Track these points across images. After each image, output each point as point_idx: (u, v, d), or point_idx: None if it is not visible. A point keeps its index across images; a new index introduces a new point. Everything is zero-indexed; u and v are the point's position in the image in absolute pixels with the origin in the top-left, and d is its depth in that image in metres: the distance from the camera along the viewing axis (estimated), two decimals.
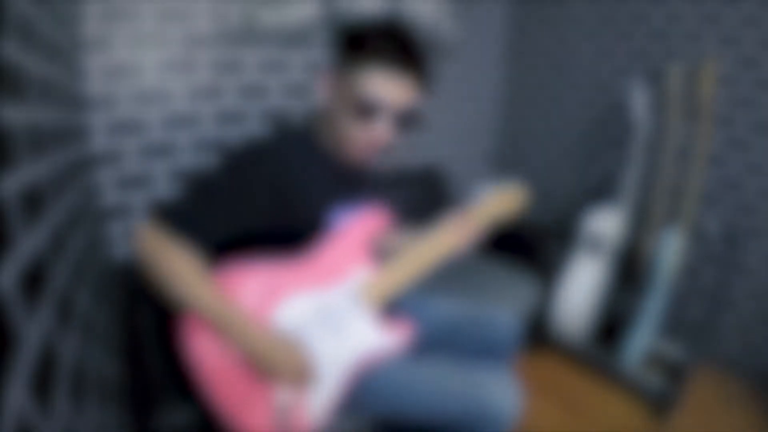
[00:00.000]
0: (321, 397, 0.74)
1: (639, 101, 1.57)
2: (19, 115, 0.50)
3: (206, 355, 0.71)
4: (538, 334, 1.70)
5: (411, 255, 0.82)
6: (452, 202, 2.03)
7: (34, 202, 0.52)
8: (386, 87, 0.70)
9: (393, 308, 0.88)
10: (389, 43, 0.69)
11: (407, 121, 0.75)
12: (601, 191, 1.87)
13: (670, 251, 1.46)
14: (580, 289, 1.63)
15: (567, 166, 2.09)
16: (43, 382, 0.45)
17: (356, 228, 0.81)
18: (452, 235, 0.84)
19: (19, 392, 0.38)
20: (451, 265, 1.13)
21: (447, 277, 1.46)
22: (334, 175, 0.79)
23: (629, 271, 1.67)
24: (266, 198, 0.70)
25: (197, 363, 0.72)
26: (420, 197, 1.83)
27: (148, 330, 0.94)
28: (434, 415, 0.73)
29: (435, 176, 1.95)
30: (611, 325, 1.64)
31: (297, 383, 0.71)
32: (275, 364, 0.69)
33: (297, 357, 0.70)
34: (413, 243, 0.85)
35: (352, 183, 0.83)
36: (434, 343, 0.91)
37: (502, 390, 0.74)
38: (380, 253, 0.90)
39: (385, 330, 0.79)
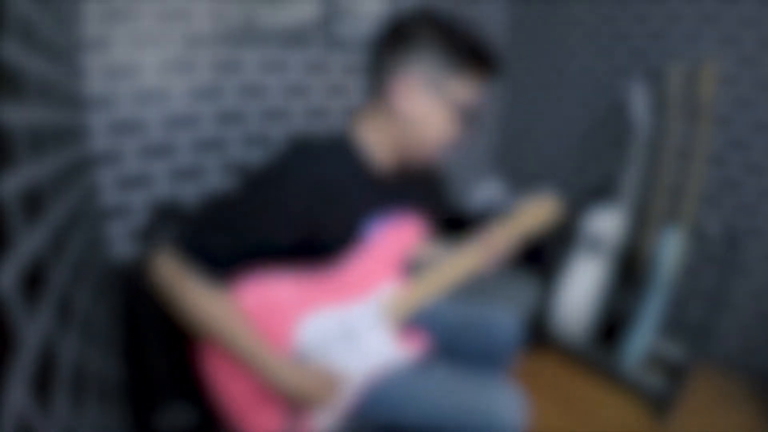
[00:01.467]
0: (333, 410, 0.74)
1: (639, 101, 1.57)
2: (19, 115, 0.50)
3: (218, 359, 0.71)
4: (538, 334, 1.70)
5: (440, 270, 0.80)
6: (453, 202, 2.03)
7: (34, 202, 0.52)
8: (477, 93, 0.72)
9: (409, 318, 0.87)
10: (480, 46, 0.69)
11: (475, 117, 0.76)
12: (601, 191, 1.87)
13: (670, 251, 1.46)
14: (580, 289, 1.63)
15: (567, 166, 2.09)
16: (43, 382, 0.45)
17: (388, 241, 0.78)
18: (482, 252, 0.82)
19: (19, 392, 0.38)
20: None
21: None
22: (370, 184, 0.75)
23: (629, 271, 1.67)
24: (299, 219, 0.66)
25: (208, 366, 0.72)
26: (420, 197, 1.82)
27: (148, 330, 0.94)
28: (439, 425, 0.72)
29: (435, 176, 1.95)
30: (611, 325, 1.64)
31: (329, 405, 0.71)
32: (307, 397, 0.69)
33: (326, 385, 0.70)
34: (444, 257, 0.83)
35: (388, 192, 0.79)
36: (436, 345, 0.91)
37: (506, 401, 0.73)
38: (413, 265, 0.88)
39: (401, 344, 0.79)
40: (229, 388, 0.72)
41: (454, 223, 1.68)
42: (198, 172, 1.43)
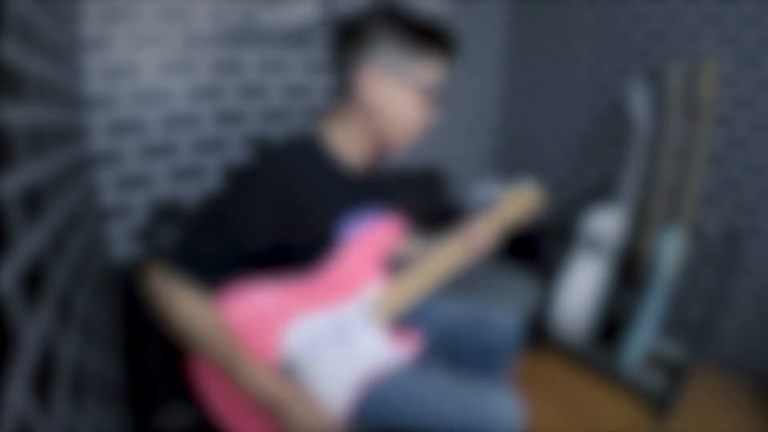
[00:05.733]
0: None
1: (639, 101, 1.57)
2: (19, 115, 0.50)
3: (208, 368, 0.71)
4: (538, 334, 1.70)
5: (424, 266, 0.80)
6: (452, 202, 2.03)
7: (34, 202, 0.52)
8: (440, 72, 0.74)
9: (401, 316, 0.87)
10: (440, 31, 0.72)
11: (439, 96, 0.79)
12: (601, 191, 1.87)
13: (669, 251, 1.46)
14: (580, 289, 1.63)
15: (567, 166, 2.09)
16: (43, 382, 0.45)
17: (368, 240, 0.78)
18: (465, 244, 0.82)
19: (19, 392, 0.38)
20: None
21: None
22: (343, 182, 0.75)
23: (629, 271, 1.67)
24: (276, 213, 0.67)
25: (201, 369, 0.72)
26: (420, 197, 1.82)
27: (147, 330, 0.94)
28: (436, 427, 0.72)
29: (435, 176, 1.95)
30: (611, 325, 1.64)
31: (303, 422, 0.69)
32: (290, 415, 0.68)
33: (312, 409, 0.69)
34: (427, 253, 0.83)
35: (363, 191, 0.79)
36: (435, 345, 0.90)
37: (503, 404, 0.73)
38: (395, 263, 0.88)
39: (394, 344, 0.79)
40: (220, 395, 0.72)
41: (452, 222, 1.68)
42: (198, 172, 1.43)
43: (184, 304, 0.64)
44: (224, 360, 0.66)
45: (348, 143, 0.75)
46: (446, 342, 0.91)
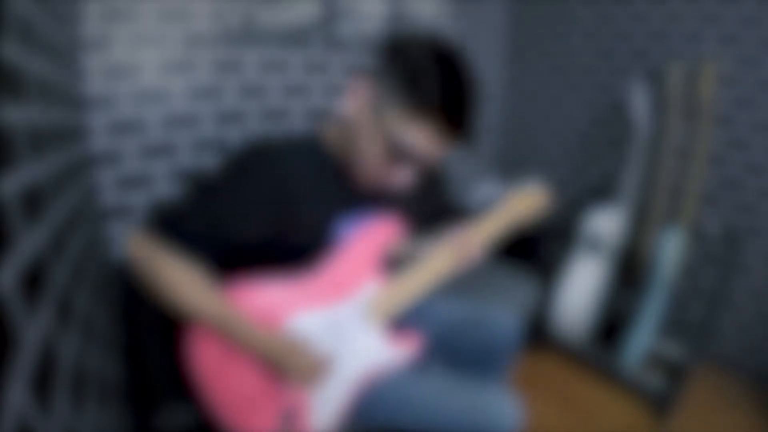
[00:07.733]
0: (326, 410, 0.74)
1: (639, 101, 1.57)
2: (19, 115, 0.50)
3: (210, 359, 0.71)
4: (538, 334, 1.70)
5: (424, 266, 0.79)
6: (452, 202, 2.03)
7: (34, 202, 0.52)
8: (427, 144, 0.65)
9: (399, 316, 0.87)
10: (449, 100, 0.63)
11: (429, 169, 0.71)
12: (601, 191, 1.87)
13: (669, 251, 1.46)
14: (580, 289, 1.63)
15: (567, 166, 2.09)
16: (43, 382, 0.45)
17: (365, 240, 0.78)
18: (468, 244, 0.81)
19: (19, 392, 0.38)
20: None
21: None
22: (341, 183, 0.75)
23: (629, 271, 1.67)
24: (269, 204, 0.67)
25: (200, 367, 0.72)
26: (420, 198, 1.82)
27: (148, 330, 0.94)
28: (436, 428, 0.72)
29: (435, 176, 1.94)
30: (611, 325, 1.64)
31: (312, 381, 0.71)
32: (288, 364, 0.69)
33: (309, 356, 0.70)
34: (426, 252, 0.82)
35: (362, 190, 0.78)
36: (434, 345, 0.90)
37: (504, 405, 0.73)
38: (393, 263, 0.87)
39: (392, 344, 0.79)
40: (221, 389, 0.72)
41: (452, 222, 1.68)
42: (199, 175, 1.43)
43: (172, 270, 0.65)
44: (216, 320, 0.66)
45: (346, 150, 0.74)
46: (446, 342, 0.91)
